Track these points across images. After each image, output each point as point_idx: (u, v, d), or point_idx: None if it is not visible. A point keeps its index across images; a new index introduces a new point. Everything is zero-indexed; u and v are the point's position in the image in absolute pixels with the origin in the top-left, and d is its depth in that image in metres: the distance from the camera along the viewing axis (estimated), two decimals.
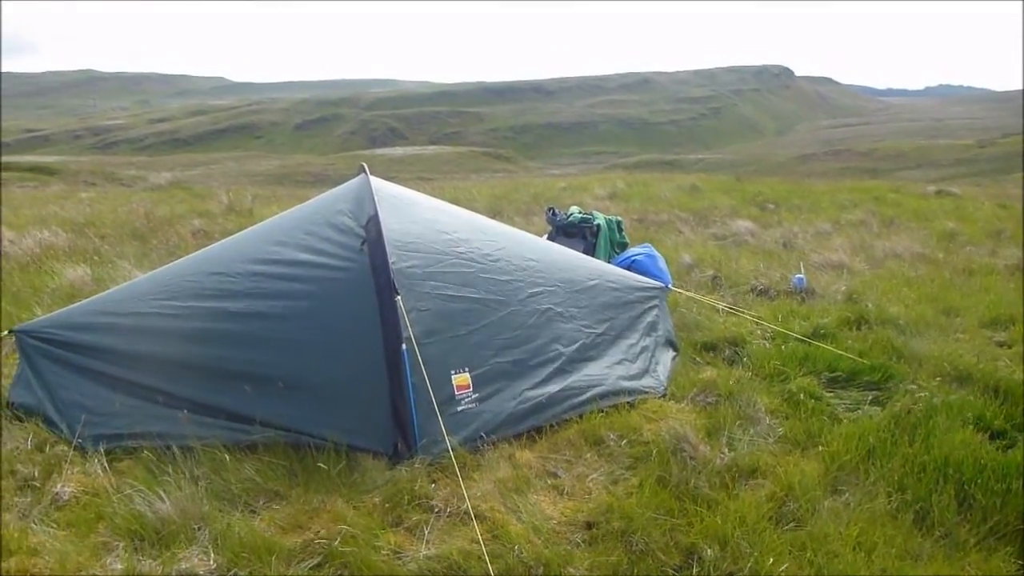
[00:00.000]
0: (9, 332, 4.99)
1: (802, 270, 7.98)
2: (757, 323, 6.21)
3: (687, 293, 6.77)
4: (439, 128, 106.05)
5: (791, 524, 3.58)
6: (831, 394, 5.09)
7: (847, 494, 3.80)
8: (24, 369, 4.81)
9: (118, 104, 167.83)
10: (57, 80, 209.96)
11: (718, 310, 6.57)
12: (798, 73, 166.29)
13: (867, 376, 5.28)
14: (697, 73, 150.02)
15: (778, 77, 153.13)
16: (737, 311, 6.46)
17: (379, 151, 74.60)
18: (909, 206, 14.57)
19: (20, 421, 4.53)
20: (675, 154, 77.88)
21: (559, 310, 5.05)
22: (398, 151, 72.22)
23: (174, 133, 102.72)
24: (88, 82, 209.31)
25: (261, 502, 3.74)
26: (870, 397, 5.04)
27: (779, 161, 62.81)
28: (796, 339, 5.87)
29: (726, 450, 4.20)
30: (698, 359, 5.67)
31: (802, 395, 4.91)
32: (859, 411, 4.84)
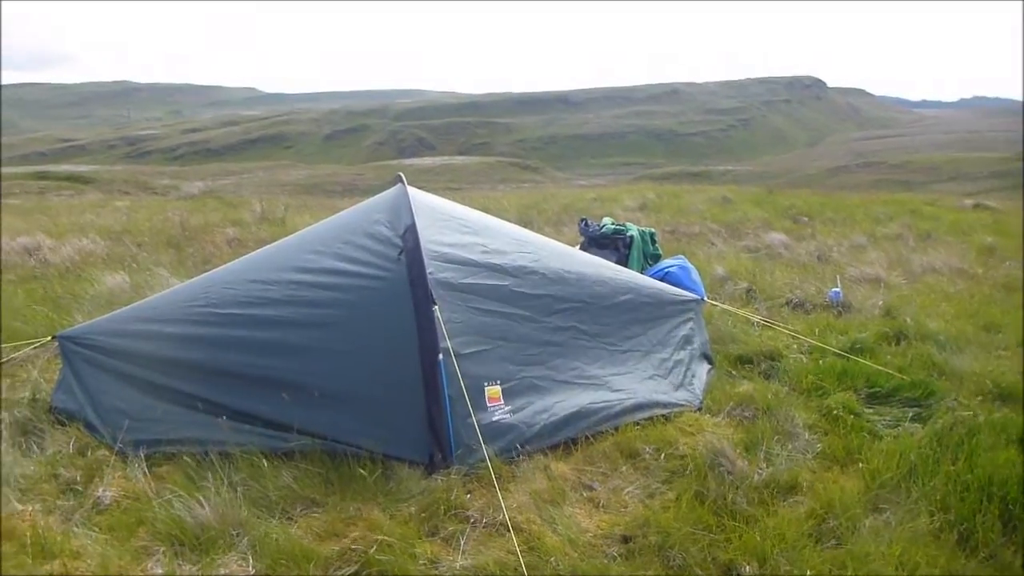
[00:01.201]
0: (52, 338, 5.08)
1: (838, 283, 7.89)
2: (793, 337, 6.15)
3: (721, 305, 6.72)
4: (467, 138, 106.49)
5: (831, 542, 3.53)
6: (870, 410, 5.01)
7: (888, 512, 3.73)
8: (66, 374, 4.88)
9: (152, 114, 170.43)
10: (93, 91, 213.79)
11: (753, 323, 6.52)
12: (830, 84, 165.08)
13: (907, 392, 5.20)
14: (727, 84, 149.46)
15: (810, 88, 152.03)
16: (772, 324, 6.40)
17: (407, 161, 75.04)
18: (946, 220, 14.37)
19: (62, 425, 4.60)
20: (704, 166, 77.53)
21: (583, 328, 5.04)
22: (426, 161, 72.58)
23: (206, 143, 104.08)
24: (123, 93, 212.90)
25: (298, 509, 3.76)
26: (911, 414, 4.96)
27: (810, 173, 62.32)
28: (834, 353, 5.80)
29: (764, 465, 4.15)
30: (734, 372, 5.63)
31: (841, 411, 4.84)
32: (900, 428, 4.76)
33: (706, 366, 5.58)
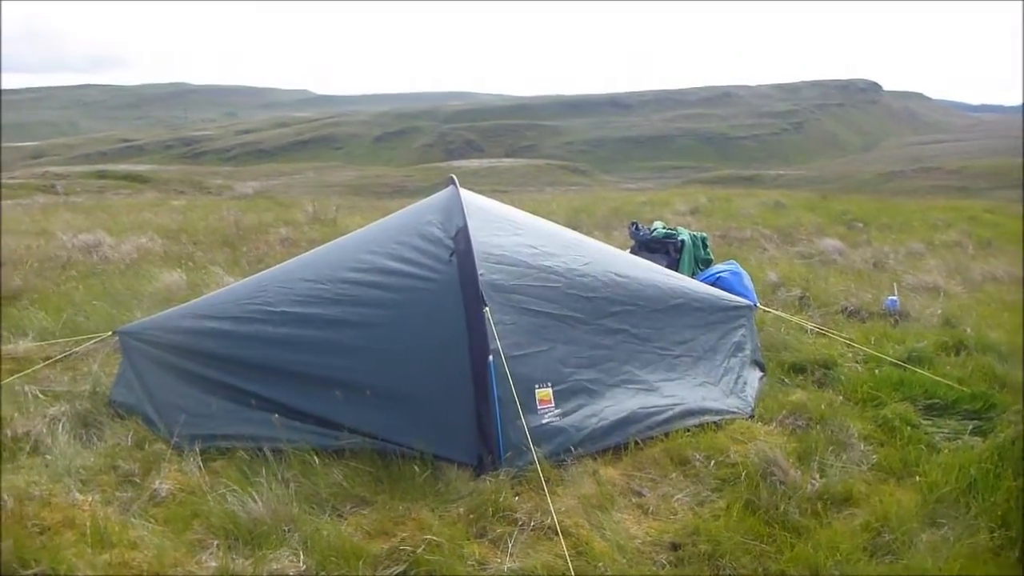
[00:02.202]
0: (112, 333, 5.21)
1: (895, 291, 7.73)
2: (848, 345, 6.04)
3: (774, 312, 6.63)
4: (515, 141, 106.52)
5: (886, 556, 3.46)
6: (928, 422, 4.90)
7: (946, 527, 3.64)
8: (125, 369, 5.01)
9: (207, 116, 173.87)
10: (151, 92, 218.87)
11: (806, 330, 6.41)
12: (886, 88, 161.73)
13: (967, 404, 5.07)
14: (780, 87, 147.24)
15: (865, 92, 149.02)
16: (827, 332, 6.29)
17: (455, 163, 75.35)
18: (1007, 228, 14.00)
19: (121, 419, 4.71)
20: (755, 169, 76.50)
21: (634, 331, 5.01)
22: (473, 163, 72.80)
23: (258, 144, 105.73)
24: (180, 94, 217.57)
25: (348, 507, 3.80)
26: (970, 427, 4.83)
27: (865, 178, 61.07)
28: (890, 363, 5.68)
29: (817, 476, 4.08)
30: (786, 380, 5.54)
31: (897, 422, 4.75)
32: (959, 441, 4.63)
33: (758, 373, 5.51)
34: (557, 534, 3.44)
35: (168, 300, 7.04)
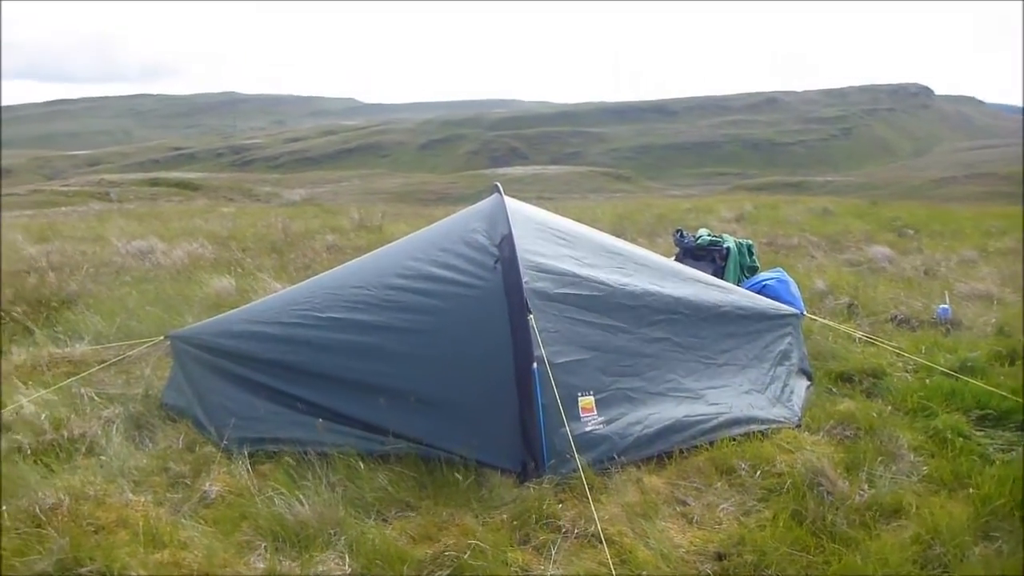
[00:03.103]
0: (164, 337, 5.34)
1: (946, 300, 7.57)
2: (898, 354, 5.93)
3: (821, 320, 6.54)
4: (560, 148, 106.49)
5: (937, 569, 3.40)
6: (981, 433, 4.78)
7: (1000, 541, 3.56)
8: (177, 373, 5.12)
9: (256, 124, 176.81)
10: (203, 101, 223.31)
11: (855, 339, 6.31)
12: (938, 92, 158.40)
13: (1021, 415, 4.93)
14: (827, 92, 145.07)
15: (916, 96, 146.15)
16: (875, 341, 6.19)
17: (500, 170, 75.56)
18: None
19: (173, 421, 4.83)
20: (802, 176, 75.46)
21: (678, 340, 4.98)
22: (518, 170, 72.97)
23: (306, 152, 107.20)
24: (230, 103, 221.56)
25: (393, 511, 3.84)
26: None
27: (915, 184, 59.89)
28: (941, 373, 5.56)
29: (866, 487, 4.01)
30: (834, 390, 5.46)
31: (949, 433, 4.64)
32: (1012, 453, 4.52)
33: (805, 382, 5.44)
34: (601, 542, 3.44)
35: (218, 305, 7.19)
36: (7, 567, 3.32)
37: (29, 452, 4.38)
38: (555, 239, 5.07)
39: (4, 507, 3.70)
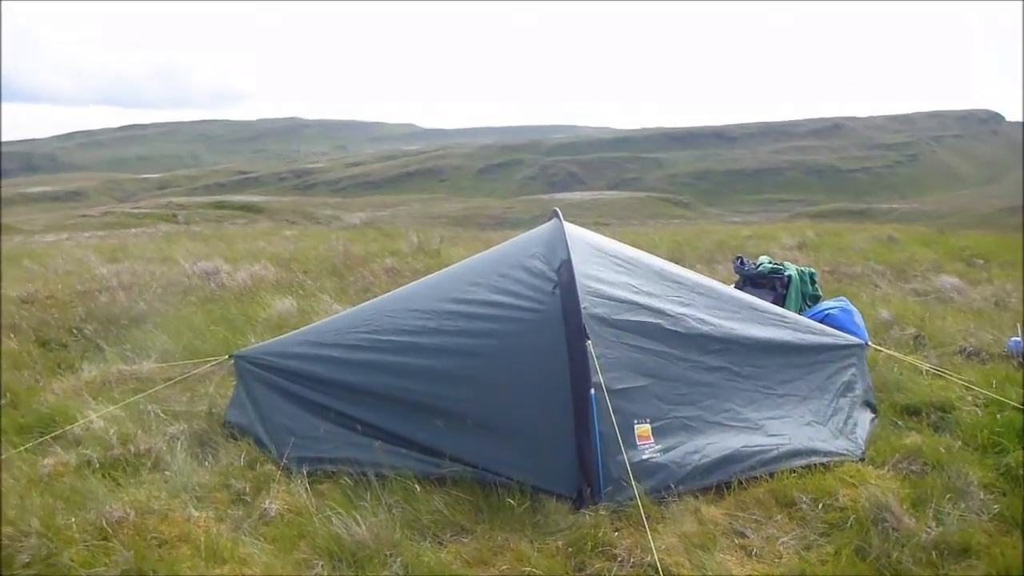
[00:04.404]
0: (229, 356, 5.46)
1: (1018, 332, 7.31)
2: (967, 387, 5.74)
3: (886, 351, 6.37)
4: (618, 173, 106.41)
5: None
6: None
7: None
8: (239, 391, 5.23)
9: (319, 149, 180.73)
10: (267, 127, 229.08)
11: (921, 371, 6.13)
12: (1008, 118, 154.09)
13: None
14: (893, 118, 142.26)
15: (985, 123, 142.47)
16: (943, 373, 6.00)
17: (557, 196, 75.80)
18: None
19: (235, 439, 4.93)
20: (866, 203, 74.00)
21: (736, 369, 4.90)
22: (575, 196, 73.11)
23: (366, 176, 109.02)
24: (294, 129, 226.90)
25: (448, 534, 3.86)
26: None
27: (985, 212, 58.16)
28: (1013, 408, 5.36)
29: (933, 524, 3.87)
30: (899, 423, 5.31)
31: (1021, 470, 4.46)
32: None
33: (869, 415, 5.30)
34: (658, 572, 3.39)
35: (280, 326, 7.33)
36: None
37: (98, 466, 4.52)
38: (614, 265, 5.06)
39: (73, 519, 3.82)
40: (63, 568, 3.49)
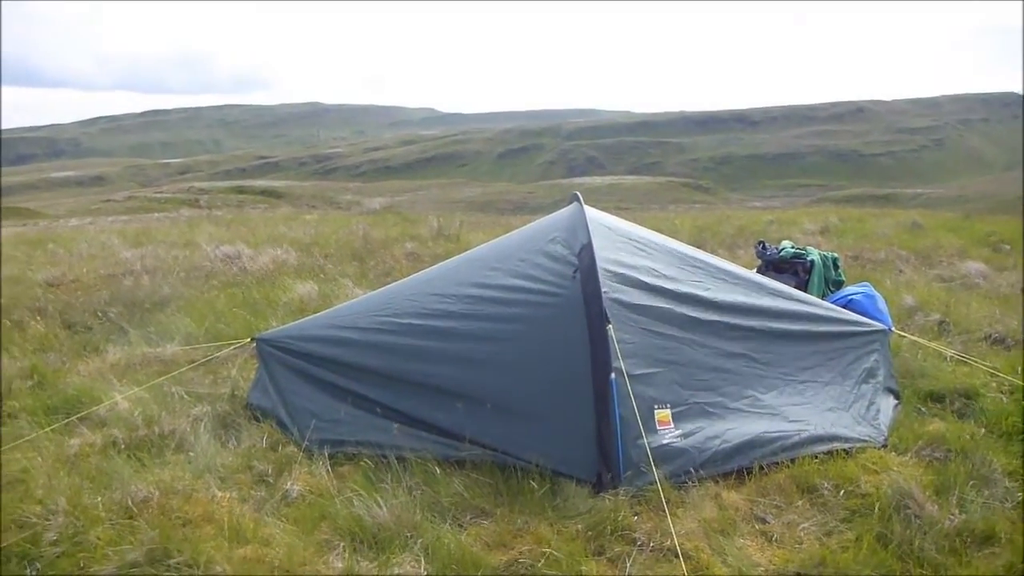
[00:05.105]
0: (251, 339, 5.51)
1: None
2: (992, 374, 5.67)
3: (910, 337, 6.32)
4: (638, 158, 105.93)
5: None
6: None
7: None
8: (262, 374, 5.27)
9: (339, 134, 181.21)
10: (288, 112, 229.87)
11: (946, 358, 6.07)
12: None
13: None
14: (917, 102, 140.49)
15: (1010, 106, 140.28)
16: (968, 360, 5.94)
17: (577, 180, 75.61)
18: None
19: (257, 421, 4.97)
20: (890, 188, 73.22)
21: (757, 355, 4.87)
22: (596, 180, 72.81)
23: (386, 161, 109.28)
24: (314, 114, 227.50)
25: (468, 517, 3.87)
26: None
27: (1010, 198, 57.28)
28: None
29: (956, 511, 3.84)
30: (923, 409, 5.26)
31: None
32: None
33: (892, 401, 5.25)
34: (677, 556, 3.39)
35: (302, 310, 7.38)
36: (101, 555, 3.47)
37: (123, 446, 4.58)
38: (635, 249, 5.04)
39: (99, 498, 3.88)
40: (89, 546, 3.54)
